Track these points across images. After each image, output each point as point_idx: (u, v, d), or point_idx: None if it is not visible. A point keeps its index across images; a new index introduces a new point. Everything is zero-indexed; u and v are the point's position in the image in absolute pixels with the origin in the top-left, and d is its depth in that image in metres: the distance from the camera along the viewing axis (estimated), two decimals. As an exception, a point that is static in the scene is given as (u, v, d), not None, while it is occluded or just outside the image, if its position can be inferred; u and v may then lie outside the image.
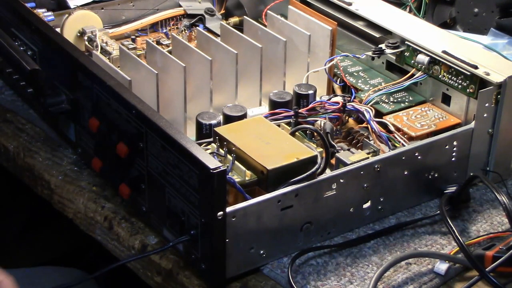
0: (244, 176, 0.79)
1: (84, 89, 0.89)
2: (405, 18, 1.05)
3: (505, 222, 0.88)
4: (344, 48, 1.08)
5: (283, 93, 0.97)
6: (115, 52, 1.05)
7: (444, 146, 0.89)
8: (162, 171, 0.79)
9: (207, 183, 0.72)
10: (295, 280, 0.78)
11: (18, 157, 0.99)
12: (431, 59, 0.96)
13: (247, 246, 0.78)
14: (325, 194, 0.81)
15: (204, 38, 1.02)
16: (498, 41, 1.16)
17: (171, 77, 0.95)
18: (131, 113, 0.81)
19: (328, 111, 0.93)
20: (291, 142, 0.84)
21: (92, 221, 0.89)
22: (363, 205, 0.85)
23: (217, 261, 0.76)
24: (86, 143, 0.92)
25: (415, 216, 0.89)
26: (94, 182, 0.93)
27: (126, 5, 1.18)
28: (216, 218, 0.73)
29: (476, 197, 0.92)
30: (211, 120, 0.90)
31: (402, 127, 0.93)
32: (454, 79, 0.93)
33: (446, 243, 0.85)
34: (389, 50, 1.00)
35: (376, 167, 0.84)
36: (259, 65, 0.99)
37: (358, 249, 0.84)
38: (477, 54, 0.95)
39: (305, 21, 1.04)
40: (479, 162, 0.93)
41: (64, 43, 0.93)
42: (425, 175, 0.89)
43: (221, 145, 0.82)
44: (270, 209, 0.78)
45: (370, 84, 1.02)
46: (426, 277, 0.80)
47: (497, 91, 0.90)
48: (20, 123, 1.04)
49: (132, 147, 0.82)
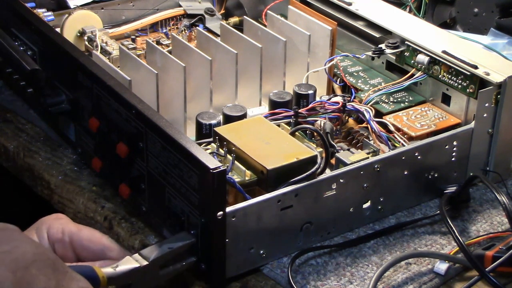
0: (244, 176, 0.79)
1: (84, 89, 0.89)
2: (405, 18, 1.05)
3: (505, 222, 0.88)
4: (344, 48, 1.08)
5: (283, 93, 0.97)
6: (115, 52, 1.05)
7: (444, 146, 0.89)
8: (162, 171, 0.79)
9: (207, 183, 0.72)
10: (295, 280, 0.78)
11: (18, 157, 0.99)
12: (431, 59, 0.96)
13: (247, 246, 0.78)
14: (325, 194, 0.81)
15: (204, 38, 1.02)
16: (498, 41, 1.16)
17: (171, 77, 0.95)
18: (131, 113, 0.81)
19: (328, 111, 0.93)
20: (291, 142, 0.84)
21: (92, 221, 0.89)
22: (363, 205, 0.85)
23: (217, 261, 0.76)
24: (86, 143, 0.92)
25: (415, 216, 0.89)
26: (94, 182, 0.93)
27: (126, 5, 1.18)
28: (216, 218, 0.73)
29: (476, 197, 0.92)
30: (211, 120, 0.90)
31: (402, 127, 0.93)
32: (454, 79, 0.93)
33: (446, 243, 0.85)
34: (389, 50, 1.00)
35: (376, 167, 0.84)
36: (259, 65, 0.99)
37: (358, 249, 0.84)
38: (477, 54, 0.95)
39: (305, 21, 1.04)
40: (479, 162, 0.93)
41: (64, 43, 0.93)
42: (425, 175, 0.89)
43: (221, 145, 0.82)
44: (270, 209, 0.78)
45: (370, 84, 1.02)
46: (426, 277, 0.80)
47: (497, 91, 0.90)
48: (20, 123, 1.04)
49: (132, 147, 0.82)
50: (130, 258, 0.72)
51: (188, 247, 0.75)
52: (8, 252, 0.60)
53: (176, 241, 0.75)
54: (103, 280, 0.69)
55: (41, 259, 0.61)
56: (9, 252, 0.60)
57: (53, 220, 0.76)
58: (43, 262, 0.61)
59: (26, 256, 0.60)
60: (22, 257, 0.60)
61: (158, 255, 0.73)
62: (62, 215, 0.78)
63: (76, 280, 0.63)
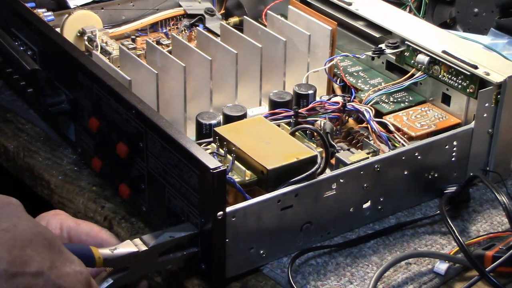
0: (244, 176, 0.79)
1: (84, 89, 0.89)
2: (405, 18, 1.05)
3: (505, 222, 0.88)
4: (344, 48, 1.08)
5: (283, 93, 0.97)
6: (115, 52, 1.05)
7: (444, 146, 0.89)
8: (162, 171, 0.79)
9: (207, 183, 0.72)
10: (295, 280, 0.78)
11: (18, 157, 0.99)
12: (431, 59, 0.96)
13: (247, 246, 0.78)
14: (325, 194, 0.81)
15: (204, 38, 1.02)
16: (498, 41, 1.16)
17: (171, 77, 0.95)
18: (131, 113, 0.81)
19: (328, 111, 0.93)
20: (291, 142, 0.84)
21: (92, 221, 0.89)
22: (363, 205, 0.85)
23: (217, 261, 0.76)
24: (86, 143, 0.92)
25: (415, 216, 0.89)
26: (94, 182, 0.93)
27: (126, 5, 1.18)
28: (216, 218, 0.73)
29: (476, 197, 0.92)
30: (211, 120, 0.90)
31: (402, 127, 0.93)
32: (454, 79, 0.93)
33: (446, 243, 0.85)
34: (389, 50, 1.00)
35: (376, 167, 0.84)
36: (259, 65, 0.99)
37: (358, 249, 0.84)
38: (477, 54, 0.95)
39: (305, 21, 1.04)
40: (479, 162, 0.93)
41: (64, 43, 0.93)
42: (425, 175, 0.89)
43: (221, 145, 0.82)
44: (270, 209, 0.78)
45: (370, 84, 1.02)
46: (426, 277, 0.80)
47: (497, 91, 0.90)
48: (20, 123, 1.04)
49: (132, 147, 0.82)
50: (130, 242, 0.73)
51: (190, 238, 0.75)
52: (6, 230, 0.61)
53: (179, 231, 0.75)
54: (99, 261, 0.70)
55: (38, 239, 0.62)
56: (7, 231, 0.61)
57: (51, 216, 0.77)
58: (40, 242, 0.62)
59: (24, 234, 0.61)
60: (20, 235, 0.61)
61: (158, 243, 0.73)
62: (60, 211, 0.78)
63: (70, 262, 0.64)
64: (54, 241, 0.63)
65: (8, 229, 0.61)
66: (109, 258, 0.71)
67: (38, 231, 0.62)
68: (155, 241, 0.73)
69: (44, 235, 0.62)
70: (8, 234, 0.61)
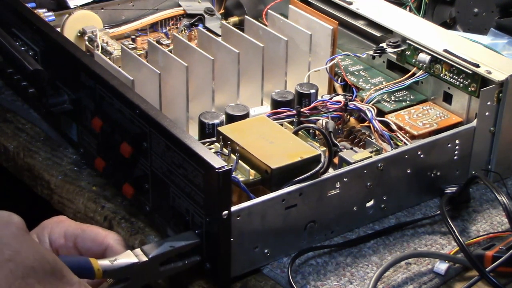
0: (248, 175, 0.79)
1: (86, 89, 0.89)
2: (406, 17, 1.05)
3: (505, 222, 0.88)
4: (345, 47, 1.08)
5: (285, 92, 0.97)
6: (116, 52, 1.05)
7: (447, 145, 0.89)
8: (166, 170, 0.79)
9: (212, 183, 0.72)
10: (295, 280, 0.78)
11: (18, 157, 0.99)
12: (433, 57, 0.96)
13: (251, 245, 0.78)
14: (328, 193, 0.81)
15: (205, 38, 1.02)
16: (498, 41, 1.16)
17: (173, 76, 0.95)
18: (134, 113, 0.81)
19: (330, 110, 0.93)
20: (295, 141, 0.84)
21: (92, 221, 0.89)
22: (367, 203, 0.86)
23: (222, 261, 0.76)
24: (89, 143, 0.92)
25: (415, 216, 0.89)
26: (94, 182, 0.92)
27: (126, 5, 1.18)
28: (221, 218, 0.73)
29: (476, 197, 0.92)
30: (214, 120, 0.90)
31: (404, 126, 0.93)
32: (456, 78, 0.94)
33: (446, 243, 0.85)
34: (390, 49, 1.00)
35: (379, 166, 0.84)
36: (260, 65, 0.99)
37: (358, 249, 0.84)
38: (479, 52, 0.95)
39: (305, 21, 1.04)
40: (481, 160, 0.93)
41: (66, 43, 0.93)
42: (427, 173, 0.89)
43: (225, 145, 0.82)
44: (274, 208, 0.78)
45: (371, 83, 1.02)
46: (426, 277, 0.80)
47: (499, 89, 0.90)
48: (20, 123, 1.04)
49: (136, 147, 0.82)
50: (131, 252, 0.72)
51: (192, 247, 0.75)
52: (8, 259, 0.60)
53: (180, 240, 0.75)
54: (99, 273, 0.69)
55: (39, 266, 0.61)
56: (9, 260, 0.60)
57: (54, 224, 0.76)
58: (42, 269, 0.61)
59: (25, 262, 0.61)
60: (22, 264, 0.60)
61: (159, 253, 0.73)
62: (63, 217, 0.77)
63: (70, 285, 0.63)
64: (56, 264, 0.63)
65: (10, 257, 0.60)
66: (109, 269, 0.70)
67: (40, 257, 0.62)
68: (156, 251, 0.73)
69: (46, 259, 0.62)
70: (10, 264, 0.60)
